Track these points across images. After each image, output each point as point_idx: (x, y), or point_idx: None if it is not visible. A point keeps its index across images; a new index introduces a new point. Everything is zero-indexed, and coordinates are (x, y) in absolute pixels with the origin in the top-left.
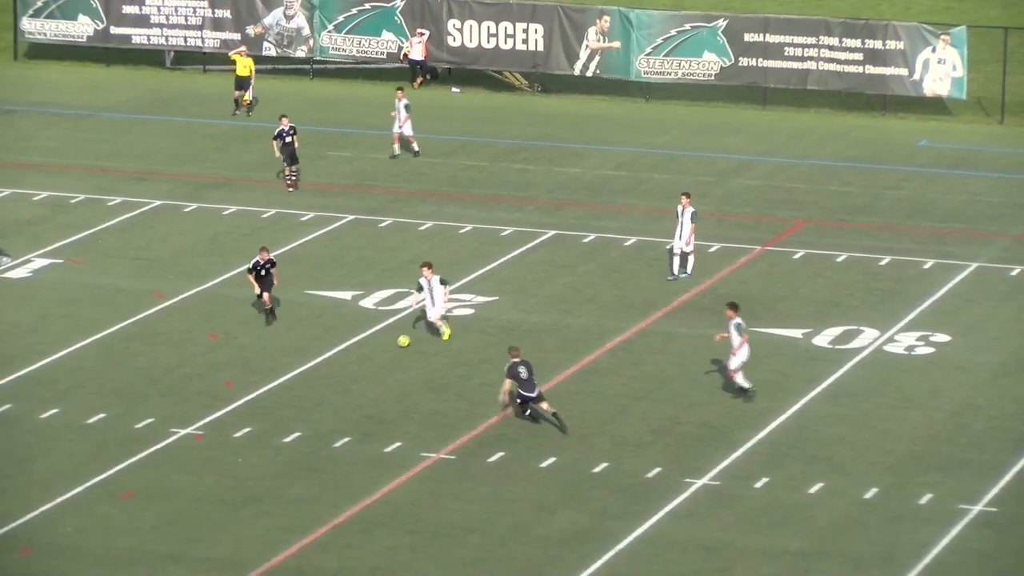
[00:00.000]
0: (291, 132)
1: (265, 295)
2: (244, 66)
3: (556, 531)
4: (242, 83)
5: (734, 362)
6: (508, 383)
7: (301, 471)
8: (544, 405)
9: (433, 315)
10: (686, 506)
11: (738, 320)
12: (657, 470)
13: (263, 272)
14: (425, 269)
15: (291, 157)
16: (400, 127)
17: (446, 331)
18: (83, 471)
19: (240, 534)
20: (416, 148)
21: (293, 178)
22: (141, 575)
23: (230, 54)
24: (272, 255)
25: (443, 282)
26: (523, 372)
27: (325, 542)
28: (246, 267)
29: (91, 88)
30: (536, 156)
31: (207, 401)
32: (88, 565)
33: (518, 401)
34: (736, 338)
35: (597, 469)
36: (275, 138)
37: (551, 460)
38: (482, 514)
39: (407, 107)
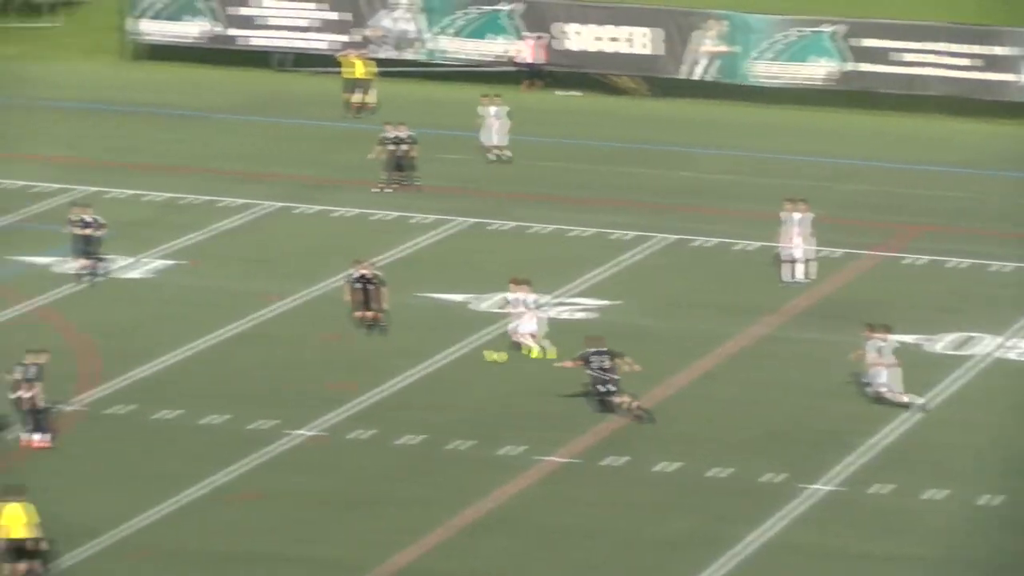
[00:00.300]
0: (396, 140)
1: (364, 313)
2: (358, 68)
3: (672, 535)
4: (354, 85)
5: (885, 383)
6: (570, 363)
7: (415, 473)
8: (626, 398)
9: (523, 330)
10: (802, 511)
11: (875, 340)
12: (773, 475)
13: (366, 287)
14: (513, 284)
15: (397, 164)
16: (491, 135)
17: (534, 349)
18: (199, 472)
19: (355, 536)
20: (501, 155)
21: (395, 185)
22: None
23: (340, 56)
24: (375, 268)
25: (534, 299)
26: (598, 361)
27: (441, 545)
28: (345, 278)
29: (203, 89)
30: (649, 159)
31: (321, 403)
32: (205, 567)
33: (600, 390)
34: (879, 358)
35: (713, 474)
36: (380, 143)
37: (667, 464)
38: (598, 517)
39: (506, 113)
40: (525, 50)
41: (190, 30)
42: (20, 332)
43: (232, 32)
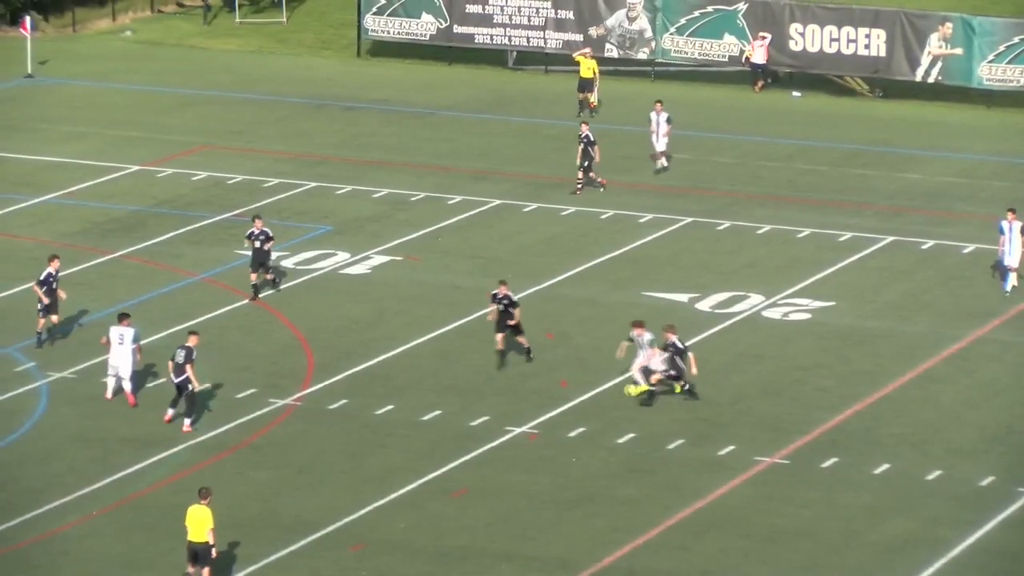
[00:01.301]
0: (583, 139)
1: (501, 334)
2: (588, 67)
3: (887, 538)
4: (585, 84)
5: None
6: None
7: (633, 472)
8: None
9: (634, 369)
10: (1020, 516)
11: None
12: (990, 479)
13: (504, 307)
14: (636, 328)
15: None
16: (659, 141)
17: (639, 387)
18: (416, 467)
19: (571, 534)
20: (665, 164)
21: (581, 183)
22: (472, 572)
23: (574, 55)
24: (509, 291)
25: (652, 343)
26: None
27: (656, 543)
28: (490, 298)
29: (432, 87)
30: (875, 161)
31: (542, 400)
32: (419, 562)
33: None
34: None
35: (930, 476)
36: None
37: (884, 467)
38: (814, 519)
39: (668, 120)
40: (758, 50)
41: (424, 27)
42: (239, 326)
43: (466, 30)
